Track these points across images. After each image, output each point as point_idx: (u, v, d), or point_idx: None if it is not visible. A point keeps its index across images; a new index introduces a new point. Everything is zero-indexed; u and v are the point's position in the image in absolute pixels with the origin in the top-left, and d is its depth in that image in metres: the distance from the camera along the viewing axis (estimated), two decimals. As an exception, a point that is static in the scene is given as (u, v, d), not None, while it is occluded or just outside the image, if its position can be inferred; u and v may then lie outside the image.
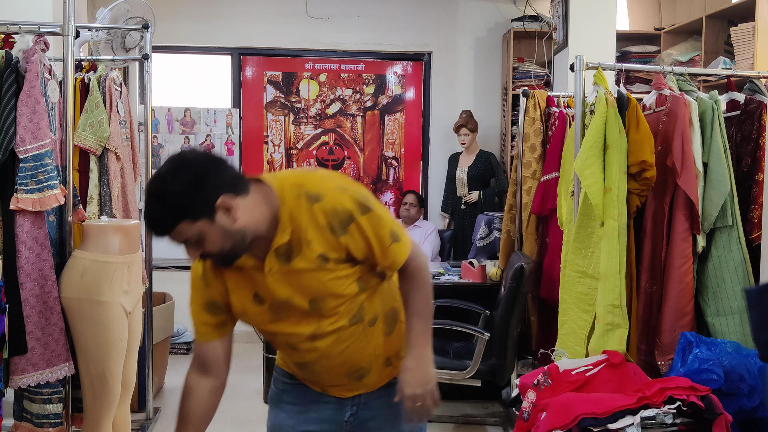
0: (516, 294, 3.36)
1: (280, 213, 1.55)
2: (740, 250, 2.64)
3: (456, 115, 5.46)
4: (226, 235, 1.51)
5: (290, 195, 1.56)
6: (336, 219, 1.55)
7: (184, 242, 1.51)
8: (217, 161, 1.52)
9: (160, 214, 1.47)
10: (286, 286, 1.60)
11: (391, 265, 1.64)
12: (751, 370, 2.36)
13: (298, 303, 1.62)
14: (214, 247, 1.52)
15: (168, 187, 1.46)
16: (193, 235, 1.49)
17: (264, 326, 1.71)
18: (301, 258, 1.57)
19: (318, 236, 1.55)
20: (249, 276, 1.62)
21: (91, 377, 2.61)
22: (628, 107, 2.72)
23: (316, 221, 1.55)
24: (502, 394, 4.05)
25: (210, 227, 1.49)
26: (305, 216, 1.55)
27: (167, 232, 1.49)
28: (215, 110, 5.68)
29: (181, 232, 1.49)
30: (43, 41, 2.61)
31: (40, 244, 2.51)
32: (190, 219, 1.47)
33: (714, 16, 4.51)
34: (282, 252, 1.57)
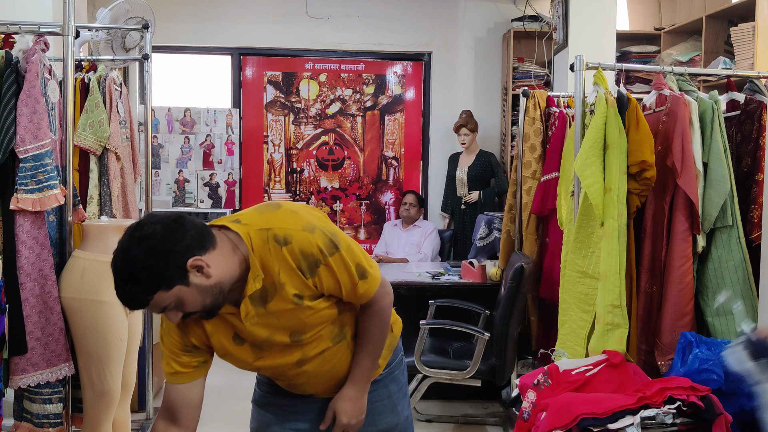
0: (516, 294, 3.36)
1: (251, 259, 1.54)
2: (740, 250, 2.64)
3: (456, 115, 5.46)
4: (204, 292, 1.49)
5: (258, 240, 1.54)
6: (305, 262, 1.55)
7: (163, 310, 1.49)
8: (178, 222, 1.47)
9: (134, 292, 1.44)
10: (265, 327, 1.61)
11: (358, 300, 1.67)
12: (751, 370, 2.36)
13: (279, 340, 1.64)
14: (195, 307, 1.50)
15: (135, 264, 1.42)
16: (171, 302, 1.47)
17: (248, 364, 1.71)
18: (277, 300, 1.58)
19: (290, 278, 1.56)
20: (226, 321, 1.62)
21: (91, 377, 2.61)
22: (628, 107, 2.72)
23: (287, 264, 1.55)
24: (502, 394, 4.06)
25: (186, 290, 1.47)
26: (275, 260, 1.54)
27: (145, 305, 1.46)
28: (215, 110, 5.68)
29: (158, 303, 1.46)
30: (43, 41, 2.61)
31: (40, 244, 2.51)
32: (164, 289, 1.44)
33: (714, 16, 4.51)
34: (257, 297, 1.57)
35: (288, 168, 5.83)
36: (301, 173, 5.85)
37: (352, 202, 5.89)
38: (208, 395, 4.23)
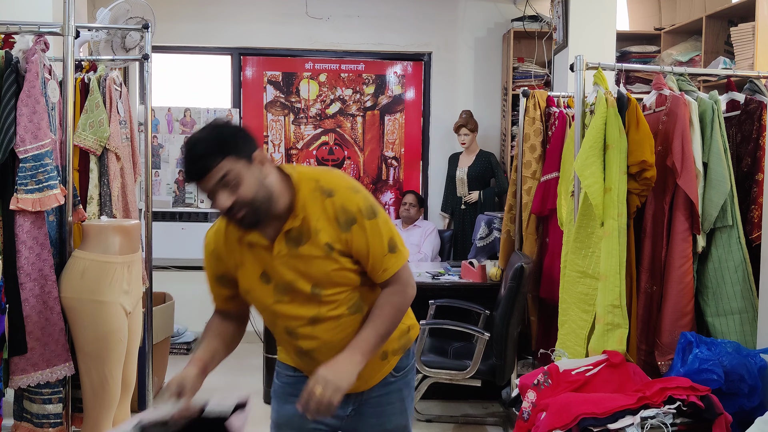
0: (516, 294, 3.36)
1: (296, 200, 1.67)
2: (740, 250, 2.64)
3: (456, 115, 5.46)
4: (259, 185, 1.61)
5: (306, 186, 1.68)
6: (343, 215, 1.66)
7: (222, 183, 1.57)
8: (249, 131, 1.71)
9: (208, 150, 1.57)
10: (292, 270, 1.69)
11: (381, 273, 1.72)
12: (751, 370, 2.36)
13: (302, 287, 1.70)
14: (247, 194, 1.59)
15: (217, 129, 1.62)
16: (233, 174, 1.57)
17: (267, 306, 1.76)
18: (310, 245, 1.67)
19: (327, 227, 1.67)
20: (258, 255, 1.71)
21: (91, 377, 2.61)
22: (628, 107, 2.72)
23: (327, 213, 1.67)
24: (502, 394, 4.06)
25: (247, 172, 1.59)
26: (318, 207, 1.67)
27: (213, 166, 1.56)
28: (215, 110, 5.68)
29: (223, 168, 1.56)
30: (43, 41, 2.61)
31: (40, 244, 2.51)
32: (234, 156, 1.58)
33: (714, 16, 4.51)
34: (292, 236, 1.67)
35: (288, 168, 5.83)
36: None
37: (352, 202, 5.88)
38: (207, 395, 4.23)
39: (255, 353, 5.09)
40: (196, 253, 6.37)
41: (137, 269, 2.77)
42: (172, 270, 5.39)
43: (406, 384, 1.92)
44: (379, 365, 1.83)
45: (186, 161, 1.60)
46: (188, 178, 1.62)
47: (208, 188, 1.60)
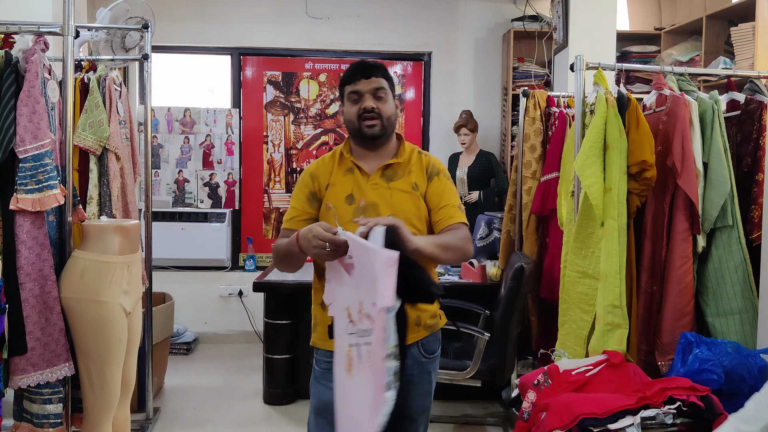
0: (516, 294, 3.36)
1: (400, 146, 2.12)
2: (740, 251, 2.64)
3: (456, 115, 5.46)
4: (393, 113, 2.06)
5: (408, 145, 2.15)
6: (431, 168, 2.10)
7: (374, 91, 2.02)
8: None
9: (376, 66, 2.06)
10: (379, 195, 2.03)
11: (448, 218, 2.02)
12: (751, 370, 2.36)
13: (382, 210, 2.00)
14: (387, 110, 2.04)
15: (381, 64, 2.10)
16: (384, 90, 2.04)
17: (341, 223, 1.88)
18: (401, 181, 2.05)
19: (417, 171, 2.08)
20: (353, 179, 2.06)
21: (90, 377, 2.60)
22: (628, 107, 2.72)
23: (421, 163, 2.10)
24: (502, 394, 4.05)
25: (391, 95, 2.07)
26: (415, 157, 2.11)
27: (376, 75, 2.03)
28: (215, 110, 5.68)
29: (380, 81, 2.04)
30: (42, 41, 2.61)
31: (39, 244, 2.50)
32: (389, 81, 2.07)
33: (714, 16, 4.51)
34: (388, 173, 2.06)
35: (288, 168, 5.83)
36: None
37: (352, 202, 5.88)
38: (207, 395, 4.25)
39: (255, 353, 5.10)
40: (196, 253, 6.35)
41: (137, 269, 2.77)
42: (172, 270, 5.39)
43: (434, 368, 2.13)
44: (413, 328, 1.99)
45: (355, 66, 2.04)
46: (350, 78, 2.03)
47: (362, 89, 2.02)
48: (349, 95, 2.04)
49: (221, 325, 5.50)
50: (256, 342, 5.35)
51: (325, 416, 1.98)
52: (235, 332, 5.49)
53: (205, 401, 4.14)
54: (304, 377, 4.10)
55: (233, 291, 5.49)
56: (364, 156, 2.09)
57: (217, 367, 4.87)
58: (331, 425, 1.93)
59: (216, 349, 5.33)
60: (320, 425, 2.03)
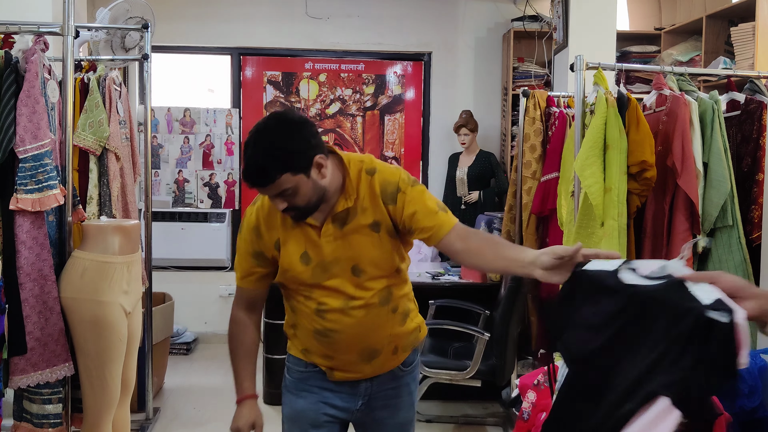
0: (516, 294, 3.36)
1: (347, 180, 1.74)
2: (740, 250, 2.64)
3: (456, 115, 5.46)
4: (315, 189, 1.67)
5: (354, 168, 1.76)
6: (388, 188, 1.75)
7: (279, 193, 1.64)
8: (312, 123, 1.70)
9: (267, 166, 1.60)
10: (336, 248, 1.76)
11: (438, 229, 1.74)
12: (751, 370, 2.35)
13: (343, 266, 1.77)
14: (303, 201, 1.67)
15: (277, 141, 1.61)
16: (291, 186, 1.63)
17: (303, 284, 1.80)
18: (356, 223, 1.75)
19: (372, 205, 1.75)
20: (303, 234, 1.77)
21: (90, 377, 2.60)
22: (628, 107, 2.71)
23: (373, 190, 1.75)
24: (502, 394, 4.05)
25: (305, 181, 1.64)
26: (365, 186, 1.75)
27: (270, 182, 1.61)
28: (215, 110, 5.68)
29: (281, 183, 1.62)
30: (42, 41, 2.60)
31: (39, 244, 2.50)
32: (292, 172, 1.61)
33: (714, 16, 4.51)
34: (340, 217, 1.75)
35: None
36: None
37: (352, 202, 5.88)
38: (207, 395, 4.26)
39: (255, 353, 5.09)
40: (196, 253, 6.36)
41: (137, 269, 2.77)
42: (171, 270, 5.39)
43: (413, 378, 1.99)
44: (391, 358, 1.89)
45: (246, 168, 1.63)
46: (247, 183, 1.65)
47: (268, 195, 1.68)
48: None
49: (221, 325, 5.50)
50: (256, 342, 5.35)
51: (299, 424, 1.92)
52: (235, 332, 5.49)
53: (205, 401, 4.14)
54: (304, 377, 4.10)
55: (233, 291, 5.46)
56: None
57: (217, 367, 4.86)
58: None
59: (216, 349, 5.32)
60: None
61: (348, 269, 1.77)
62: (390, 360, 1.90)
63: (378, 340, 1.84)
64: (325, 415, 1.90)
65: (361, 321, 1.80)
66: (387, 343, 1.86)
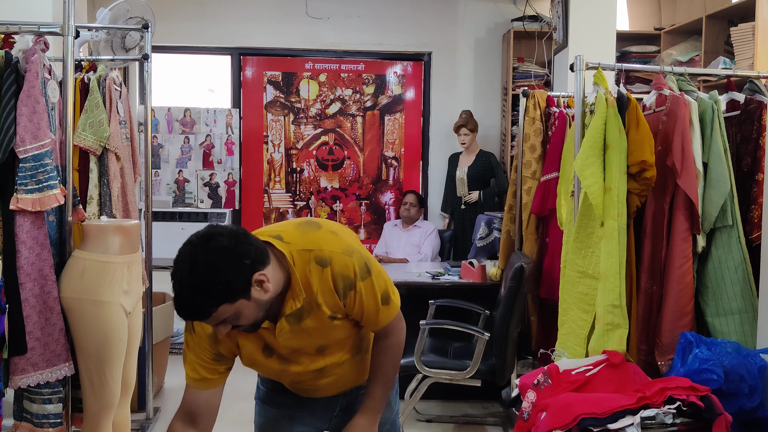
0: (516, 294, 3.36)
1: (293, 279, 1.58)
2: (740, 250, 2.64)
3: (456, 115, 5.46)
4: (260, 306, 1.53)
5: (300, 260, 1.59)
6: (342, 283, 1.61)
7: (220, 323, 1.50)
8: (245, 236, 1.50)
9: (200, 303, 1.45)
10: (295, 340, 1.66)
11: (375, 325, 1.74)
12: (751, 370, 2.36)
13: (307, 352, 1.71)
14: (248, 321, 1.53)
15: (207, 276, 1.43)
16: (231, 314, 1.48)
17: (272, 372, 1.79)
18: (312, 318, 1.63)
19: (327, 299, 1.62)
20: (259, 335, 1.66)
21: (91, 377, 2.60)
22: (628, 107, 2.71)
23: (326, 284, 1.60)
24: (502, 394, 4.05)
25: (246, 304, 1.49)
26: (316, 280, 1.60)
27: (207, 317, 1.48)
28: (215, 110, 5.68)
29: (219, 315, 1.48)
30: (43, 41, 2.60)
31: (40, 244, 2.50)
32: (229, 302, 1.46)
33: (714, 16, 4.51)
34: (293, 314, 1.61)
35: (288, 168, 5.83)
36: (301, 173, 5.85)
37: (352, 202, 5.89)
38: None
39: (255, 353, 5.10)
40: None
41: (137, 269, 2.77)
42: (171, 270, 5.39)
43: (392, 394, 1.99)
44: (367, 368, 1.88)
45: (178, 305, 1.47)
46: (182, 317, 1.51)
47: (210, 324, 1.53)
48: None
49: (221, 325, 5.50)
50: (256, 342, 5.35)
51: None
52: (235, 332, 5.49)
53: (205, 401, 4.13)
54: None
55: (233, 291, 5.49)
56: None
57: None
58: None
59: (216, 349, 5.32)
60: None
61: (313, 351, 1.72)
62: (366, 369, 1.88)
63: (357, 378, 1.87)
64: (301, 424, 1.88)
65: (337, 378, 1.82)
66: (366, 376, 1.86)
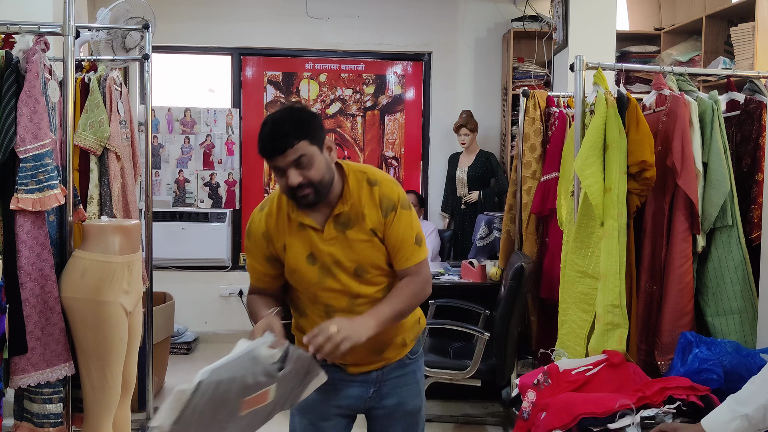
0: (516, 294, 3.36)
1: (345, 187, 1.85)
2: (740, 250, 2.64)
3: (456, 115, 5.46)
4: (327, 169, 1.79)
5: (354, 177, 1.87)
6: (386, 202, 1.86)
7: (295, 162, 1.73)
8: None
9: (287, 131, 1.72)
10: (339, 249, 1.85)
11: (404, 260, 1.88)
12: (751, 370, 2.35)
13: (346, 267, 1.86)
14: (317, 175, 1.76)
15: (297, 113, 1.76)
16: (306, 156, 1.73)
17: (311, 286, 1.89)
18: (357, 229, 1.85)
19: (372, 213, 1.85)
20: (307, 237, 1.87)
21: (91, 377, 2.61)
22: (628, 107, 2.72)
23: (373, 200, 1.86)
24: (502, 394, 4.06)
25: (319, 155, 1.76)
26: (365, 194, 1.86)
27: (289, 147, 1.71)
28: (215, 110, 5.68)
29: (298, 149, 1.72)
30: (43, 41, 2.61)
31: (40, 244, 2.51)
32: (309, 140, 1.74)
33: (714, 16, 4.51)
34: (340, 221, 1.85)
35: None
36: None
37: (352, 202, 5.89)
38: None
39: (255, 353, 5.10)
40: (196, 253, 6.35)
41: (137, 269, 2.77)
42: (172, 270, 5.39)
43: (419, 367, 2.08)
44: (399, 349, 1.99)
45: (265, 138, 1.73)
46: (264, 154, 1.75)
47: (281, 165, 1.74)
48: (272, 168, 1.79)
49: (221, 324, 5.50)
50: (257, 342, 5.35)
51: (308, 416, 2.00)
52: (236, 332, 5.49)
53: (206, 401, 4.13)
54: (304, 377, 4.10)
55: (233, 291, 5.50)
56: (310, 212, 1.87)
57: (218, 367, 4.86)
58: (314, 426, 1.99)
59: (216, 348, 5.33)
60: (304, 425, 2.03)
61: (351, 270, 1.86)
62: (398, 351, 1.99)
63: (385, 335, 1.90)
64: (335, 407, 1.98)
65: None
66: (394, 335, 1.95)
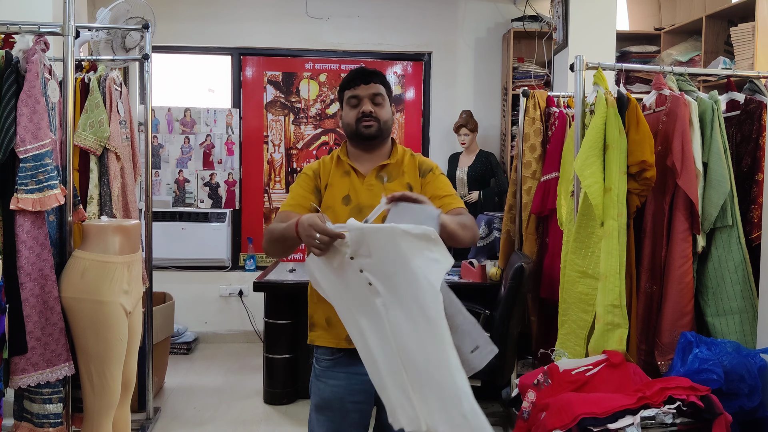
0: (516, 294, 3.36)
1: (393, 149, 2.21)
2: (740, 250, 2.64)
3: (456, 115, 5.46)
4: (390, 117, 2.17)
5: (401, 146, 2.25)
6: (425, 165, 2.19)
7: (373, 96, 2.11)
8: None
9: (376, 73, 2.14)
10: (374, 197, 2.08)
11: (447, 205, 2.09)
12: (751, 370, 2.36)
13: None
14: (384, 115, 2.14)
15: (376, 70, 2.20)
16: (382, 96, 2.13)
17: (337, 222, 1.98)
18: (395, 182, 2.13)
19: (411, 172, 2.17)
20: (350, 180, 2.15)
21: (91, 377, 2.61)
22: (628, 107, 2.72)
23: (414, 163, 2.19)
24: (502, 394, 4.05)
25: (388, 104, 2.16)
26: (408, 158, 2.20)
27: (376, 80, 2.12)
28: (215, 110, 5.68)
29: (379, 88, 2.12)
30: (43, 41, 2.61)
31: (40, 244, 2.51)
32: (386, 89, 2.16)
33: (714, 16, 4.51)
34: (383, 173, 2.15)
35: (288, 168, 5.83)
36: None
37: (352, 202, 5.89)
38: (208, 395, 4.26)
39: (255, 353, 5.10)
40: (196, 253, 6.34)
41: (137, 269, 2.77)
42: (172, 270, 5.39)
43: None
44: None
45: (355, 72, 2.13)
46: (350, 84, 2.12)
47: (362, 94, 2.10)
48: (349, 100, 2.13)
49: (221, 324, 5.50)
50: (257, 342, 5.35)
51: (326, 413, 2.07)
52: (236, 332, 5.50)
53: (206, 401, 4.14)
54: (304, 377, 4.10)
55: (233, 291, 5.50)
56: (360, 158, 2.17)
57: (218, 367, 4.87)
58: (332, 422, 2.07)
59: (216, 348, 5.33)
60: (321, 422, 2.10)
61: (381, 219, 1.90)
62: None
63: None
64: (352, 403, 2.06)
65: None
66: None
